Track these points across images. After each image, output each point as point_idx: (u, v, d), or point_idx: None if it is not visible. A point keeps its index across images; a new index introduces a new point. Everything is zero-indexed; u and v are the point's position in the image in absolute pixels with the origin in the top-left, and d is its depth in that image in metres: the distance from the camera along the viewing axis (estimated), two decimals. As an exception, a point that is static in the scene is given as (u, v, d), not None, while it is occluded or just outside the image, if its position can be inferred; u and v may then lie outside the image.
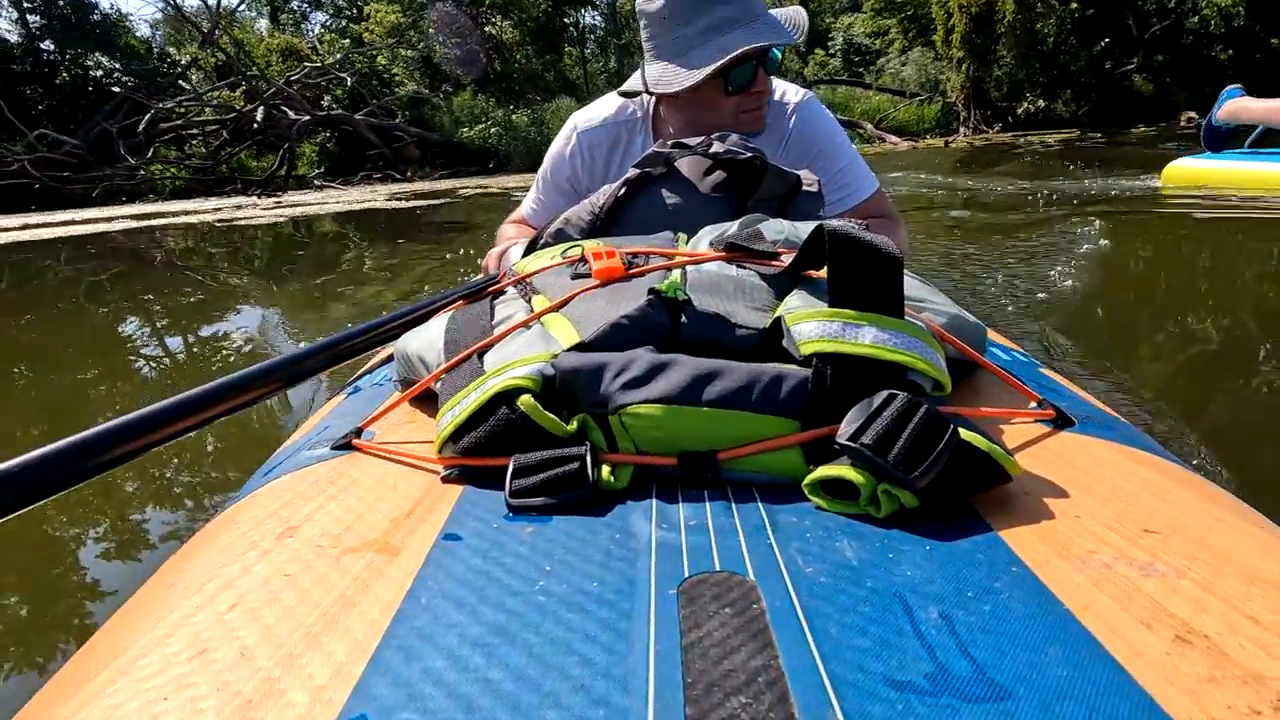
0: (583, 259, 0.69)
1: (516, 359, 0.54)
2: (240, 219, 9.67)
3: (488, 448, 0.51)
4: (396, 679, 0.32)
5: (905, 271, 0.56)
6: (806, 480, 0.46)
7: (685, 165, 0.96)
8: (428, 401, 0.65)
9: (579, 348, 0.55)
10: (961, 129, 17.25)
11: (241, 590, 0.41)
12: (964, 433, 0.43)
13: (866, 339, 0.49)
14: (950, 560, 0.38)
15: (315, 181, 14.38)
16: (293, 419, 2.35)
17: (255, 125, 14.79)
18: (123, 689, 0.34)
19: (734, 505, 0.45)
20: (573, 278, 0.66)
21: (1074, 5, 15.50)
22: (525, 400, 0.50)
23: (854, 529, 0.42)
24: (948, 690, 0.29)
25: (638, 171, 0.95)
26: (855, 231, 0.51)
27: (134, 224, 9.87)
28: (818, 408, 0.48)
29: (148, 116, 14.34)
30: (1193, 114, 15.11)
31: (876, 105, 19.81)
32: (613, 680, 0.31)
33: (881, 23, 22.21)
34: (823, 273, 0.56)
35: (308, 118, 15.01)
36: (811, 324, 0.50)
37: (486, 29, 19.52)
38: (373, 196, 11.88)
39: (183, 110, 15.50)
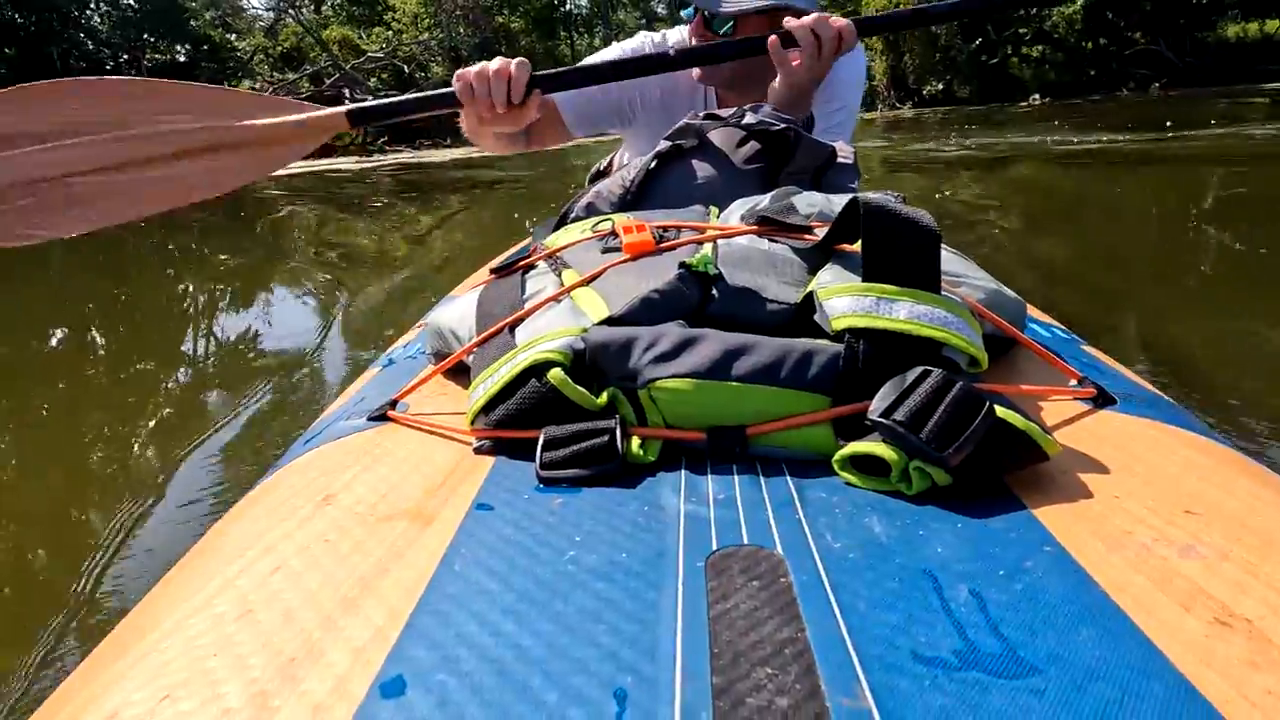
0: (613, 233, 0.68)
1: (547, 333, 0.55)
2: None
3: (519, 421, 0.51)
4: (431, 642, 0.33)
5: (943, 245, 0.54)
6: (836, 456, 0.45)
7: (718, 137, 0.95)
8: (460, 374, 0.66)
9: (608, 322, 0.55)
10: (880, 107, 22.29)
11: (284, 555, 0.42)
12: (1000, 410, 0.42)
13: (901, 314, 0.48)
14: (982, 538, 0.38)
15: (385, 146, 16.81)
16: (330, 390, 2.41)
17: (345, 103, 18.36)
18: (174, 646, 0.36)
19: (762, 480, 0.45)
20: (603, 252, 0.66)
21: (957, 13, 20.27)
22: (555, 374, 0.50)
23: (884, 505, 0.42)
24: (976, 666, 0.29)
25: (669, 144, 0.94)
26: (891, 204, 0.50)
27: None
28: (849, 384, 0.47)
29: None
30: (1037, 95, 19.23)
31: (819, 86, 23.69)
32: (641, 649, 0.31)
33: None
34: (857, 247, 0.55)
35: (371, 98, 18.25)
36: (844, 299, 0.50)
37: (497, 19, 22.61)
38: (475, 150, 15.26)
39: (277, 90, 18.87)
